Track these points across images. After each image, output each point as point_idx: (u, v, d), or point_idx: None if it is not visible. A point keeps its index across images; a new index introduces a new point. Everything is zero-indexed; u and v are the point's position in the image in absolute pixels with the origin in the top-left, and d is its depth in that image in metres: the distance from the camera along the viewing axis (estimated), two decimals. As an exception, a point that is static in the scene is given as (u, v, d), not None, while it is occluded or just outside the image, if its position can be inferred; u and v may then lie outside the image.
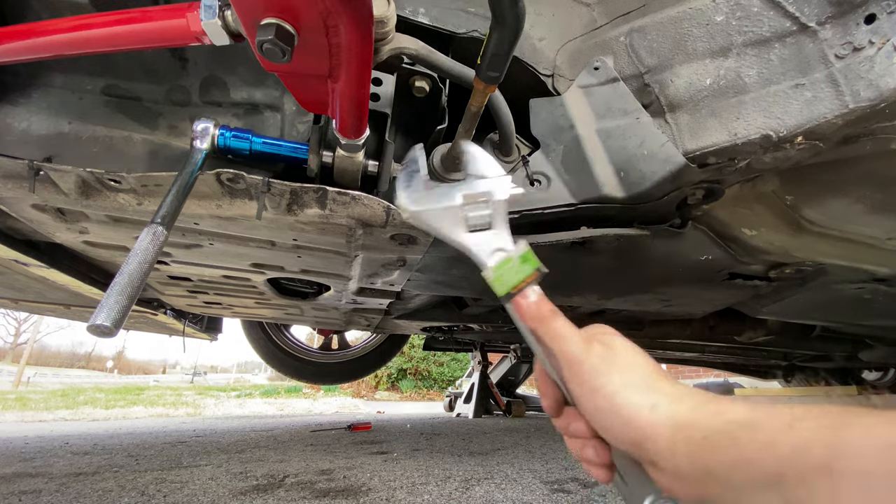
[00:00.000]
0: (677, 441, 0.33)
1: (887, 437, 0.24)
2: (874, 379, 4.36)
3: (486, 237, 0.49)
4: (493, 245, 0.48)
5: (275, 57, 0.48)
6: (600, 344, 0.41)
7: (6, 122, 0.79)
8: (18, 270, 1.28)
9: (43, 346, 49.07)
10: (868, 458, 0.24)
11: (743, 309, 1.65)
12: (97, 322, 0.49)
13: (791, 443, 0.27)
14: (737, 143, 0.72)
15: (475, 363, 3.80)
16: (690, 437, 0.32)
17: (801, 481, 0.26)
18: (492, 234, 0.49)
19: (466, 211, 0.49)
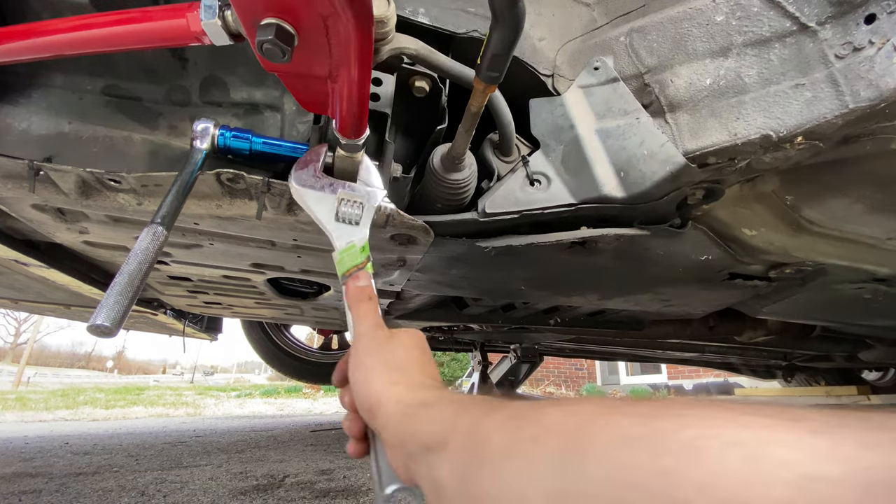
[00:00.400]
0: (392, 413, 0.38)
1: (476, 420, 0.29)
2: (874, 379, 4.36)
3: (348, 229, 0.61)
4: (349, 237, 0.60)
5: (275, 57, 0.48)
6: (387, 333, 0.48)
7: (6, 122, 0.79)
8: (18, 270, 1.28)
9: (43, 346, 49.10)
10: (461, 434, 0.29)
11: (743, 309, 1.65)
12: (97, 322, 0.49)
13: (432, 419, 0.34)
14: (737, 143, 0.72)
15: (475, 363, 3.80)
16: (399, 410, 0.38)
17: (434, 450, 0.31)
18: (353, 228, 0.61)
19: (341, 205, 0.62)
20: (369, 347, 0.47)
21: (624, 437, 0.21)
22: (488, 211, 0.86)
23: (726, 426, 0.19)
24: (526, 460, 0.23)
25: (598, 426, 0.22)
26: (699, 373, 8.90)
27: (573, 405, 0.25)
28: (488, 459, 0.25)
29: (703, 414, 0.20)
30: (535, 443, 0.24)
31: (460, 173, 0.85)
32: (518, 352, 3.70)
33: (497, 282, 1.30)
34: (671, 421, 0.20)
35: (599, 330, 2.09)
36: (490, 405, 0.30)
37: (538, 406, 0.27)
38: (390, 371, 0.43)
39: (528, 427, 0.25)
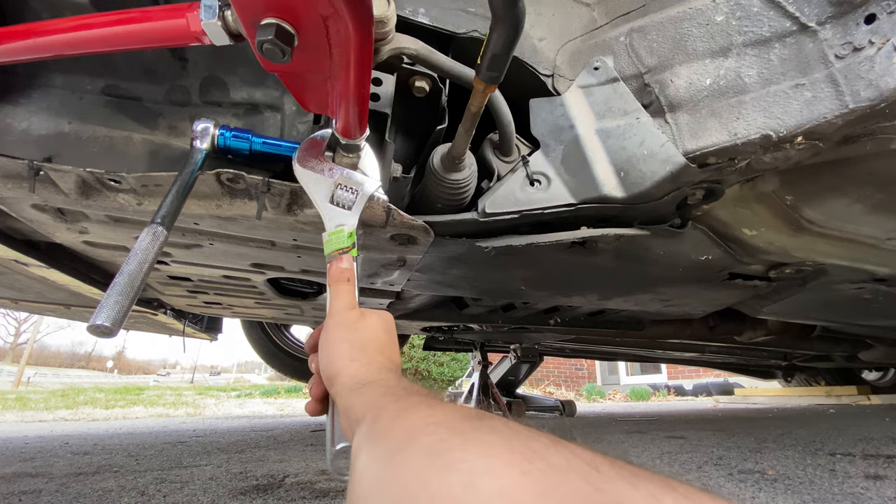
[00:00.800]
0: (345, 385, 0.44)
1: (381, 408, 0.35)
2: (874, 379, 4.36)
3: (340, 213, 0.64)
4: (339, 220, 0.64)
5: (275, 57, 0.48)
6: (358, 313, 0.54)
7: (6, 122, 0.79)
8: (18, 270, 1.28)
9: (43, 346, 49.09)
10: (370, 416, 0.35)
11: (743, 309, 1.65)
12: (97, 322, 0.49)
13: (365, 397, 0.40)
14: (737, 143, 0.72)
15: (475, 363, 3.80)
16: (351, 384, 0.44)
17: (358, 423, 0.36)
18: (345, 213, 0.64)
19: (337, 189, 0.65)
20: (339, 324, 0.53)
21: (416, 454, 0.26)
22: (488, 211, 0.86)
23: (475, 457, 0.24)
24: (372, 452, 0.29)
25: (413, 439, 0.27)
26: (699, 373, 8.90)
27: (430, 416, 0.29)
28: (367, 442, 0.31)
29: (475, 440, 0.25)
30: (381, 439, 0.30)
31: (460, 173, 0.85)
32: (518, 352, 3.70)
33: (497, 282, 1.30)
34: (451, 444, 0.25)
35: (599, 330, 2.10)
36: (399, 399, 0.35)
37: (415, 407, 0.32)
38: (352, 349, 0.49)
39: (389, 424, 0.31)
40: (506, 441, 0.24)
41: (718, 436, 2.32)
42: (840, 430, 2.41)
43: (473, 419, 0.28)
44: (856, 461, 1.58)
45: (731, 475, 1.42)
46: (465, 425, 0.27)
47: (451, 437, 0.26)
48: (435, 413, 0.30)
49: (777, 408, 4.49)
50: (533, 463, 0.22)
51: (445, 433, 0.26)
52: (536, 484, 0.20)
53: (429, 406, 0.32)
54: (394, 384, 0.41)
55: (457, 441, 0.25)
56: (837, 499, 1.15)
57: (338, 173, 0.67)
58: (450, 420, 0.28)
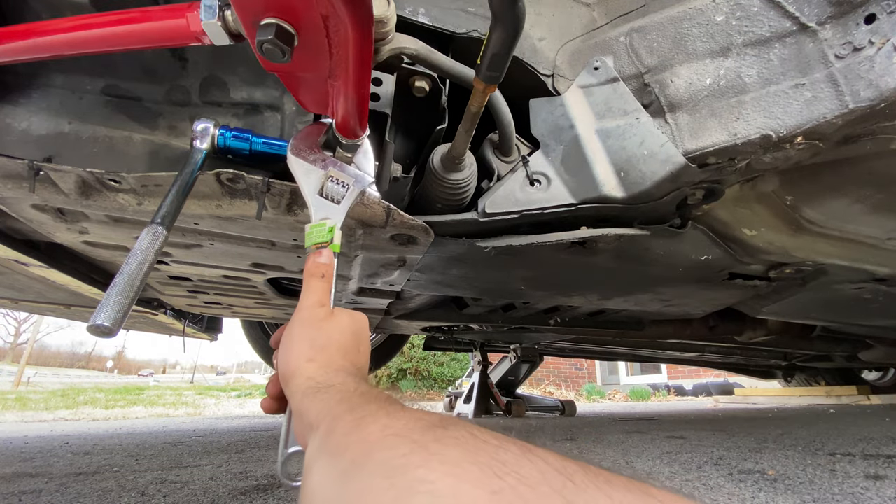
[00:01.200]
0: (299, 386, 0.42)
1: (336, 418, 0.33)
2: (874, 379, 4.36)
3: (328, 206, 0.62)
4: (325, 213, 0.62)
5: (275, 57, 0.48)
6: (326, 311, 0.52)
7: (6, 122, 0.79)
8: (18, 270, 1.28)
9: (43, 346, 49.10)
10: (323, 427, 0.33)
11: (743, 309, 1.65)
12: (97, 322, 0.49)
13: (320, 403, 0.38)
14: (737, 143, 0.72)
15: (475, 363, 3.80)
16: (306, 386, 0.42)
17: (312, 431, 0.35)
18: (332, 206, 0.63)
19: (327, 182, 0.63)
20: (304, 320, 0.51)
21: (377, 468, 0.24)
22: (488, 211, 0.86)
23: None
24: (326, 471, 0.27)
25: (369, 456, 0.25)
26: (699, 373, 8.90)
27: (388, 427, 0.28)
28: (320, 458, 0.29)
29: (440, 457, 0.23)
30: (335, 455, 0.28)
31: (460, 173, 0.85)
32: (518, 352, 3.70)
33: (497, 282, 1.30)
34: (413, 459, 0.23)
35: (599, 330, 2.10)
36: (354, 409, 0.33)
37: (373, 417, 0.30)
38: (312, 348, 0.47)
39: (344, 438, 0.29)
40: (472, 455, 0.23)
41: (718, 436, 2.32)
42: (840, 430, 2.41)
43: (436, 428, 0.26)
44: (856, 461, 1.58)
45: (731, 475, 1.42)
46: (426, 437, 0.25)
47: (412, 452, 0.24)
48: (394, 423, 0.28)
49: (777, 408, 4.49)
50: (503, 479, 0.20)
51: (405, 447, 0.24)
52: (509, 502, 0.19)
53: (387, 415, 0.29)
54: (351, 390, 0.38)
55: (418, 457, 0.23)
56: (837, 499, 1.15)
57: (331, 165, 0.65)
58: (410, 431, 0.26)
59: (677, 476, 1.42)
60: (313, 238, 0.60)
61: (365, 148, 0.69)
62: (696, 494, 1.21)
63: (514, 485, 0.20)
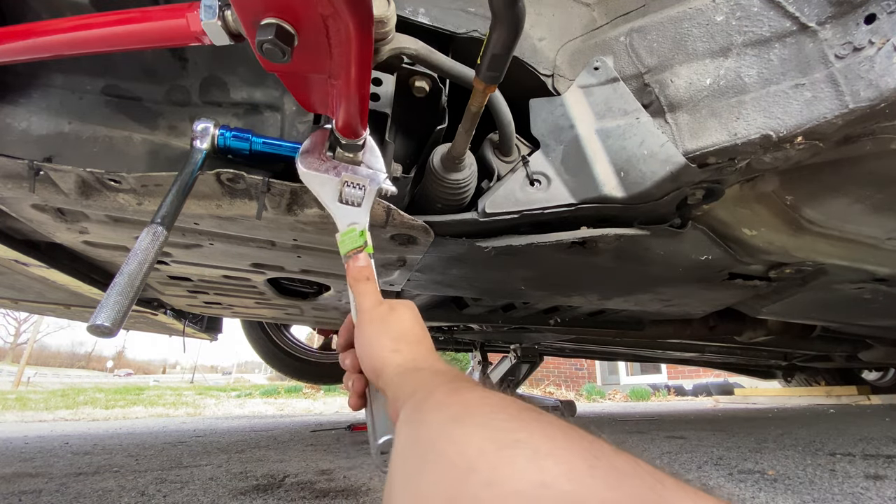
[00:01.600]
0: (393, 375, 0.45)
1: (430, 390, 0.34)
2: (874, 379, 4.36)
3: (350, 211, 0.64)
4: (351, 218, 0.63)
5: (275, 57, 0.48)
6: (387, 307, 0.55)
7: (6, 122, 0.79)
8: (18, 270, 1.28)
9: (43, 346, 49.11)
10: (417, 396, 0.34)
11: (743, 309, 1.65)
12: (97, 322, 0.49)
13: (413, 381, 0.40)
14: (737, 143, 0.72)
15: (475, 363, 3.80)
16: (398, 374, 0.44)
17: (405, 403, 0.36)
18: (355, 210, 0.64)
19: (344, 188, 0.64)
20: (373, 320, 0.54)
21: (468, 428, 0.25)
22: (488, 211, 0.86)
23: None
24: (424, 421, 0.29)
25: (470, 414, 0.26)
26: (699, 373, 8.90)
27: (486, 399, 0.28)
28: (417, 413, 0.31)
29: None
30: (435, 410, 0.29)
31: (460, 173, 0.85)
32: (518, 352, 3.70)
33: (497, 282, 1.30)
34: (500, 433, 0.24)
35: (599, 330, 2.09)
36: (452, 380, 0.35)
37: (469, 389, 0.31)
38: (392, 341, 0.50)
39: (445, 398, 0.30)
40: (568, 436, 0.23)
41: (718, 436, 2.32)
42: (840, 430, 2.41)
43: (531, 411, 0.26)
44: (856, 461, 1.58)
45: (731, 475, 1.42)
46: (523, 414, 0.25)
47: (511, 419, 0.24)
48: (490, 396, 0.28)
49: (777, 408, 4.49)
50: (599, 460, 0.21)
51: (503, 415, 0.25)
52: (604, 479, 0.19)
53: (482, 389, 0.30)
54: (442, 370, 0.41)
55: (517, 424, 0.24)
56: (837, 499, 1.15)
57: (343, 171, 0.66)
58: (507, 406, 0.27)
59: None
60: (347, 245, 0.61)
61: (370, 146, 0.70)
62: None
63: (608, 469, 0.20)
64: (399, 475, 0.27)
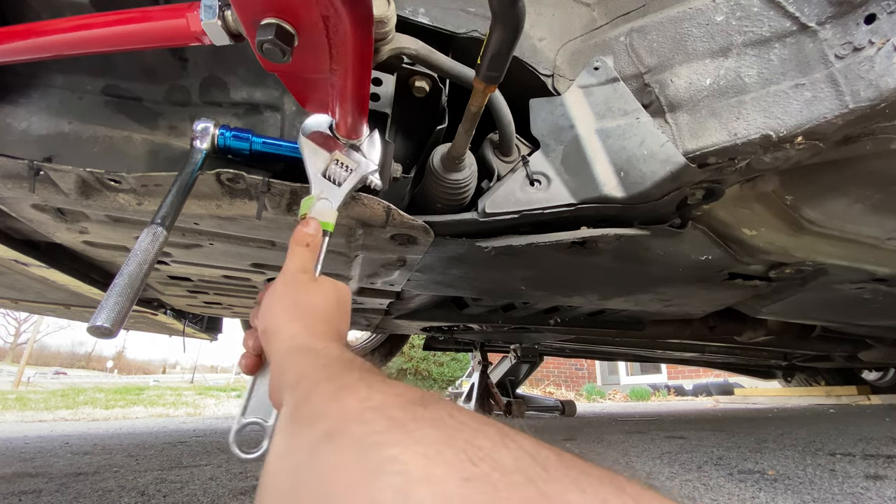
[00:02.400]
0: (281, 343, 0.44)
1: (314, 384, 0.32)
2: (874, 379, 4.36)
3: (328, 186, 0.66)
4: (325, 192, 0.65)
5: (275, 57, 0.48)
6: (310, 277, 0.54)
7: (6, 122, 0.79)
8: (18, 270, 1.28)
9: (43, 346, 49.10)
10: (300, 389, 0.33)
11: (743, 309, 1.65)
12: (97, 323, 0.49)
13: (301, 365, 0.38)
14: (737, 143, 0.72)
15: (475, 363, 3.80)
16: (288, 345, 0.43)
17: (288, 391, 0.35)
18: (332, 187, 0.66)
19: (331, 164, 0.67)
20: (287, 283, 0.52)
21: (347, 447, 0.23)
22: (488, 211, 0.86)
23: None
24: (296, 439, 0.27)
25: (344, 428, 0.25)
26: (699, 373, 8.90)
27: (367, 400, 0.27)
28: (291, 425, 0.29)
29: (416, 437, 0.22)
30: (308, 424, 0.27)
31: (460, 173, 0.85)
32: (518, 352, 3.71)
33: (497, 282, 1.30)
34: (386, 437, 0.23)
35: (599, 330, 2.10)
36: (335, 377, 0.33)
37: (352, 387, 0.29)
38: (296, 309, 0.48)
39: (321, 407, 0.29)
40: (448, 438, 0.22)
41: (718, 436, 2.32)
42: (840, 430, 2.41)
43: (415, 406, 0.25)
44: (856, 461, 1.58)
45: (731, 475, 1.42)
46: (405, 415, 0.24)
47: (388, 430, 0.23)
48: (373, 396, 0.27)
49: (777, 408, 4.49)
50: (477, 465, 0.20)
51: (382, 423, 0.24)
52: (478, 493, 0.19)
53: (368, 386, 0.29)
54: (334, 356, 0.38)
55: (393, 436, 0.23)
56: (837, 499, 1.15)
57: (338, 149, 0.68)
58: (389, 407, 0.26)
59: (677, 476, 1.42)
60: (302, 209, 0.64)
61: (373, 138, 0.72)
62: (696, 495, 1.21)
63: (488, 472, 0.20)
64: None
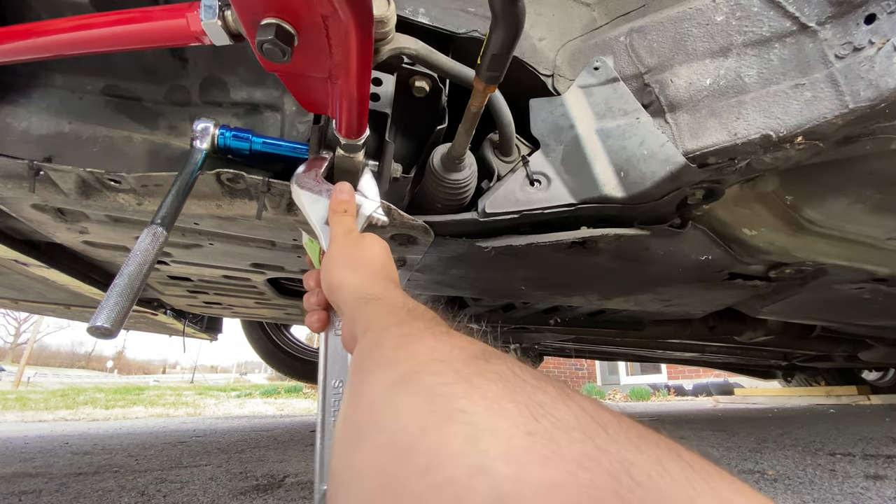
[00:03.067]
0: (349, 294, 0.47)
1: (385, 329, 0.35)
2: (874, 379, 4.36)
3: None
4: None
5: (275, 57, 0.48)
6: (357, 235, 0.58)
7: (6, 122, 0.79)
8: (18, 270, 1.28)
9: (43, 346, 49.11)
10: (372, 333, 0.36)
11: (743, 309, 1.65)
12: (97, 324, 0.49)
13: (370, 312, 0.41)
14: (737, 143, 0.72)
15: (475, 363, 3.81)
16: (355, 295, 0.46)
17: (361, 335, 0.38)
18: None
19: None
20: (340, 244, 0.56)
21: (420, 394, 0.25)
22: (488, 211, 0.86)
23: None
24: (375, 378, 0.28)
25: (415, 376, 0.26)
26: (699, 373, 8.90)
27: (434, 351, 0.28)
28: (370, 363, 0.31)
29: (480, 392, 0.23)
30: (383, 367, 0.29)
31: (460, 173, 0.85)
32: (518, 352, 3.71)
33: (497, 282, 1.30)
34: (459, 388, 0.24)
35: (599, 330, 2.09)
36: (403, 323, 0.35)
37: (420, 336, 0.31)
38: (354, 262, 0.53)
39: (392, 353, 0.30)
40: (511, 393, 0.23)
41: (718, 436, 2.32)
42: (840, 430, 2.41)
43: (479, 360, 0.26)
44: (856, 461, 1.58)
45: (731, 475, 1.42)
46: (469, 368, 0.25)
47: (455, 382, 0.24)
48: (439, 348, 0.28)
49: (777, 408, 4.49)
50: (539, 421, 0.21)
51: (449, 375, 0.25)
52: (541, 446, 0.19)
53: (433, 336, 0.30)
54: (399, 304, 0.41)
55: (461, 388, 0.24)
56: (837, 499, 1.16)
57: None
58: (454, 360, 0.27)
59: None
60: (312, 255, 0.67)
61: (367, 177, 0.73)
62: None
63: (549, 427, 0.20)
64: (342, 437, 0.27)
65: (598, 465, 0.18)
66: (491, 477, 0.18)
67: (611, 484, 0.17)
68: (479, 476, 0.19)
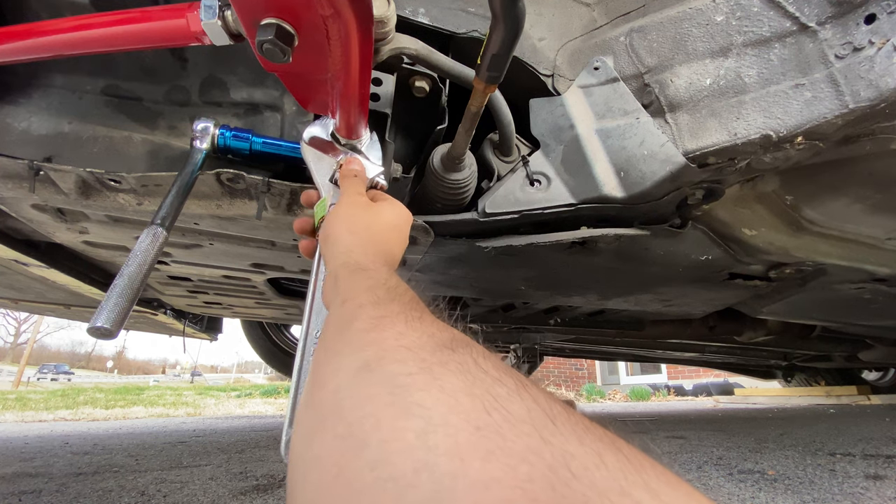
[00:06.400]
0: (338, 254, 0.47)
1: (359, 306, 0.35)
2: (874, 379, 4.36)
3: (337, 191, 0.66)
4: (335, 196, 0.65)
5: (275, 57, 0.48)
6: (368, 200, 0.57)
7: (6, 122, 0.79)
8: (18, 270, 1.28)
9: (43, 346, 49.10)
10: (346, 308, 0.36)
11: (743, 309, 1.65)
12: (97, 324, 0.49)
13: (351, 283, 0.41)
14: (737, 143, 0.72)
15: (475, 363, 3.80)
16: (344, 258, 0.46)
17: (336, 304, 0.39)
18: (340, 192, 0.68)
19: (339, 169, 0.67)
20: (347, 204, 0.55)
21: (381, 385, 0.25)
22: (488, 211, 0.86)
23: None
24: (345, 360, 0.29)
25: (380, 363, 0.27)
26: (699, 373, 8.90)
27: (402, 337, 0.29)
28: (342, 341, 0.31)
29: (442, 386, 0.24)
30: (354, 350, 0.29)
31: (460, 173, 0.85)
32: (518, 352, 3.71)
33: (497, 282, 1.30)
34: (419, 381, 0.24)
35: (599, 330, 2.09)
36: (379, 303, 0.35)
37: (391, 320, 0.31)
38: (353, 223, 0.52)
39: (362, 335, 0.30)
40: (469, 386, 0.23)
41: (718, 436, 2.32)
42: (840, 430, 2.41)
43: (444, 350, 0.27)
44: (856, 461, 1.58)
45: (731, 475, 1.42)
46: (434, 358, 0.26)
47: (418, 372, 0.25)
48: (409, 334, 0.29)
49: (777, 408, 4.49)
50: (490, 415, 0.21)
51: (413, 364, 0.25)
52: (487, 441, 0.20)
53: (405, 321, 0.31)
54: (381, 281, 0.40)
55: (421, 379, 0.24)
56: (837, 499, 1.16)
57: (342, 155, 0.69)
58: (420, 348, 0.27)
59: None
60: (318, 213, 0.66)
61: (373, 141, 0.72)
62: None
63: (499, 421, 0.21)
64: (306, 420, 0.28)
65: (540, 458, 0.18)
66: (433, 473, 0.19)
67: (547, 476, 0.18)
68: (424, 472, 0.19)
